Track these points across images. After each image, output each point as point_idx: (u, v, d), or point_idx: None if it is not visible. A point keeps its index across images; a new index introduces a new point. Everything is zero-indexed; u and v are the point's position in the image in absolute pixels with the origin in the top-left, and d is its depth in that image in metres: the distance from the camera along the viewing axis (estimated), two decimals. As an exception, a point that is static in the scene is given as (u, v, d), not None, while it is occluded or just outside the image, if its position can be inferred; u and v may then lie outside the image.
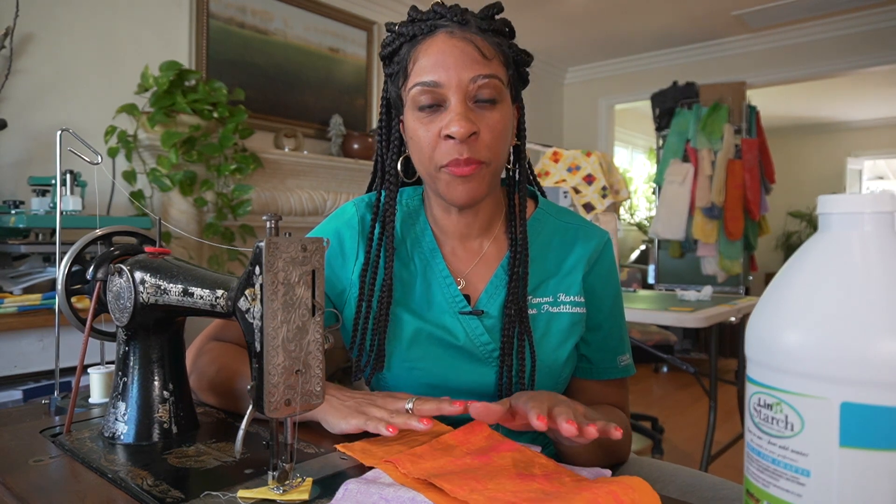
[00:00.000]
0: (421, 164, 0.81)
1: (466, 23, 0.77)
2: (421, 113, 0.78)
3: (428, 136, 0.77)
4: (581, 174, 3.13)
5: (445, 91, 0.76)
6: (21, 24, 2.11)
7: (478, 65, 0.76)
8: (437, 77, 0.75)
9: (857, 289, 0.40)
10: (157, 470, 0.63)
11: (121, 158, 2.39)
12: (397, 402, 0.73)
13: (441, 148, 0.77)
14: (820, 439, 0.40)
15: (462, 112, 0.75)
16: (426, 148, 0.78)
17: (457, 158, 0.76)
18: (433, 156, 0.78)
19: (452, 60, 0.75)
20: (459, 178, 0.77)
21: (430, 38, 0.77)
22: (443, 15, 0.78)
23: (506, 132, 0.80)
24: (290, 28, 3.08)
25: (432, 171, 0.79)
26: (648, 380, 4.36)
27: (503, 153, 0.81)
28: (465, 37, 0.76)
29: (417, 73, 0.77)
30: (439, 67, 0.75)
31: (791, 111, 6.69)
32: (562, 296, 0.86)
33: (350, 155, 3.18)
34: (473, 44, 0.76)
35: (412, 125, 0.79)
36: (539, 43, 4.45)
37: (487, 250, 0.88)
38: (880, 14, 3.86)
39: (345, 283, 0.88)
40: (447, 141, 0.76)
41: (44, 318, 1.72)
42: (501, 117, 0.78)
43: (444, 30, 0.77)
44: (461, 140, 0.75)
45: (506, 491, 0.56)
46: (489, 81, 0.76)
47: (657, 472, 0.88)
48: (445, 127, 0.76)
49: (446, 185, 0.79)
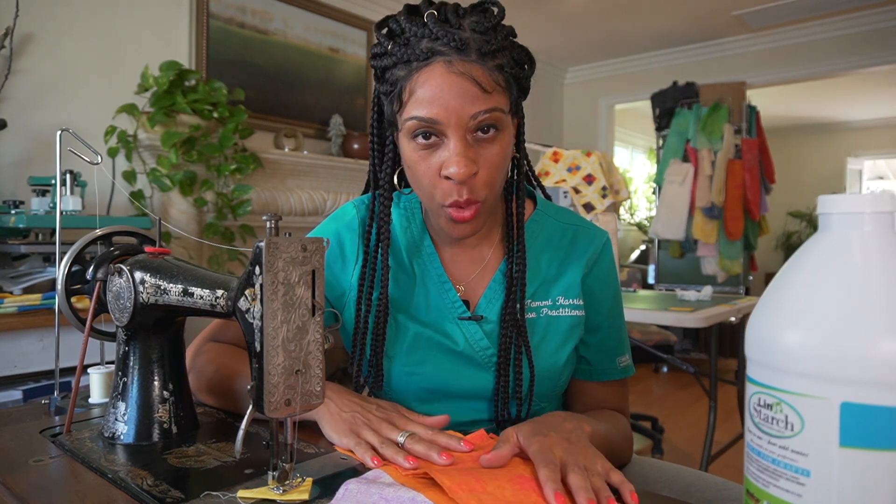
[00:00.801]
0: (420, 192, 0.79)
1: (465, 48, 0.71)
2: (417, 143, 0.75)
3: (427, 172, 0.75)
4: (581, 174, 3.13)
5: (444, 128, 0.72)
6: (21, 24, 2.11)
7: (478, 101, 0.71)
8: (436, 114, 0.71)
9: (857, 289, 0.40)
10: (157, 470, 0.63)
11: (121, 158, 2.39)
12: (392, 429, 0.70)
13: (441, 187, 0.75)
14: (820, 439, 0.40)
15: (461, 152, 0.72)
16: (426, 184, 0.76)
17: (457, 200, 0.74)
18: (434, 194, 0.76)
19: (451, 97, 0.71)
20: (458, 221, 0.76)
21: (427, 69, 0.71)
22: (438, 37, 0.71)
23: (505, 162, 0.78)
24: (290, 28, 3.08)
25: (431, 205, 0.78)
26: (648, 380, 4.36)
27: (500, 184, 0.79)
28: (463, 71, 0.71)
29: (414, 106, 0.72)
30: (437, 103, 0.71)
31: (791, 111, 6.69)
32: (560, 299, 0.86)
33: (350, 155, 3.19)
34: (473, 79, 0.71)
35: (409, 154, 0.76)
36: (539, 43, 4.45)
37: (486, 255, 0.88)
38: (880, 14, 3.86)
39: (345, 286, 0.88)
40: (447, 181, 0.74)
41: (44, 318, 1.72)
42: (501, 150, 0.75)
43: (441, 59, 0.71)
44: (460, 182, 0.73)
45: (504, 494, 0.56)
46: (489, 116, 0.72)
47: (658, 472, 0.88)
48: (444, 167, 0.73)
49: (445, 222, 0.78)
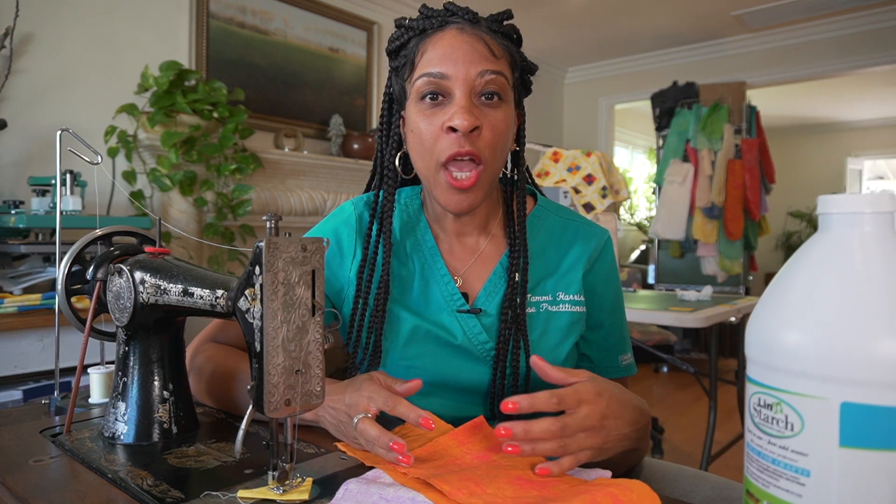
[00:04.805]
0: (420, 159, 0.80)
1: (477, 22, 0.79)
2: (424, 104, 0.78)
3: (430, 128, 0.77)
4: (581, 174, 3.13)
5: (451, 84, 0.76)
6: (21, 24, 2.11)
7: (486, 60, 0.76)
8: (445, 69, 0.76)
9: (857, 289, 0.40)
10: (157, 470, 0.63)
11: (121, 158, 2.39)
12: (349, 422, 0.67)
13: (442, 141, 0.76)
14: (820, 439, 0.40)
15: (466, 105, 0.75)
16: (427, 140, 0.78)
17: (458, 151, 0.76)
18: (434, 149, 0.77)
19: (461, 54, 0.76)
20: (457, 188, 0.77)
21: (440, 32, 0.79)
22: (454, 13, 0.80)
23: (507, 132, 0.80)
24: (290, 28, 3.08)
25: (431, 167, 0.79)
26: (648, 380, 4.36)
27: (502, 155, 0.80)
28: (475, 33, 0.78)
29: (424, 65, 0.78)
30: (447, 60, 0.76)
31: (791, 111, 6.69)
32: (561, 294, 0.86)
33: (350, 155, 3.18)
34: (483, 40, 0.77)
35: (414, 117, 0.79)
36: (539, 43, 4.45)
37: (485, 248, 0.88)
38: (880, 14, 3.86)
39: (342, 282, 0.88)
40: (449, 134, 0.76)
41: (44, 318, 1.72)
42: (504, 116, 0.79)
43: (454, 25, 0.78)
44: (463, 133, 0.75)
45: (504, 497, 0.56)
46: (496, 78, 0.77)
47: (660, 472, 0.88)
48: (449, 119, 0.75)
49: (443, 192, 0.79)
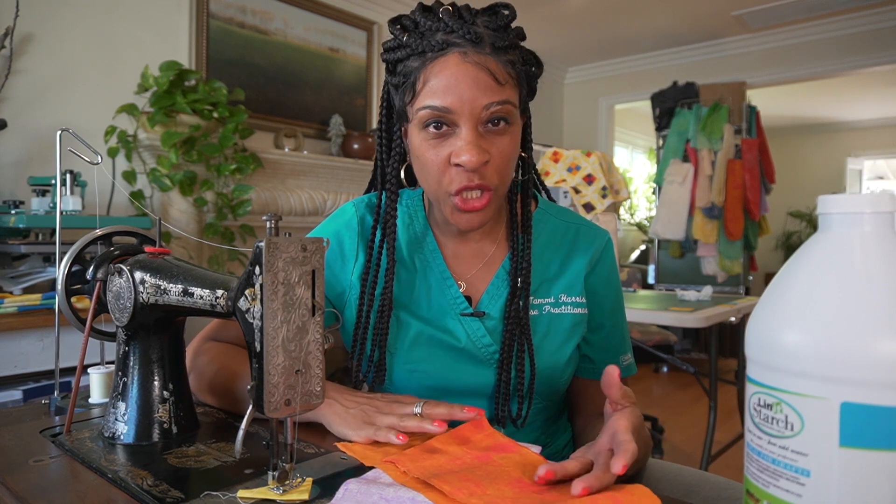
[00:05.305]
0: (427, 185, 0.79)
1: (480, 41, 0.73)
2: (428, 133, 0.75)
3: (437, 160, 0.75)
4: (581, 174, 3.13)
5: (457, 117, 0.73)
6: (21, 24, 2.11)
7: (491, 91, 0.73)
8: (449, 103, 0.73)
9: (857, 289, 0.40)
10: (157, 470, 0.63)
11: (121, 158, 2.39)
12: (404, 406, 0.72)
13: (450, 174, 0.75)
14: (820, 439, 0.40)
15: (473, 140, 0.73)
16: (434, 172, 0.76)
17: (466, 185, 0.74)
18: (441, 180, 0.76)
19: (465, 86, 0.72)
20: (467, 210, 0.76)
21: (442, 59, 0.73)
22: (454, 30, 0.73)
23: (515, 155, 0.79)
24: (290, 28, 3.08)
25: (440, 193, 0.78)
26: (648, 380, 4.36)
27: (511, 173, 0.79)
28: (478, 61, 0.73)
29: (427, 95, 0.74)
30: (451, 92, 0.72)
31: (791, 111, 6.69)
32: (563, 296, 0.86)
33: (350, 155, 3.18)
34: (487, 69, 0.73)
35: (419, 144, 0.77)
36: (539, 43, 4.45)
37: (488, 252, 0.88)
38: (880, 14, 3.86)
39: (344, 285, 0.88)
40: (457, 168, 0.75)
41: (44, 318, 1.72)
42: (511, 140, 0.77)
43: (457, 49, 0.73)
44: (471, 169, 0.74)
45: (504, 498, 0.56)
46: (502, 108, 0.74)
47: (660, 471, 0.88)
48: (455, 155, 0.74)
49: (452, 212, 0.78)
